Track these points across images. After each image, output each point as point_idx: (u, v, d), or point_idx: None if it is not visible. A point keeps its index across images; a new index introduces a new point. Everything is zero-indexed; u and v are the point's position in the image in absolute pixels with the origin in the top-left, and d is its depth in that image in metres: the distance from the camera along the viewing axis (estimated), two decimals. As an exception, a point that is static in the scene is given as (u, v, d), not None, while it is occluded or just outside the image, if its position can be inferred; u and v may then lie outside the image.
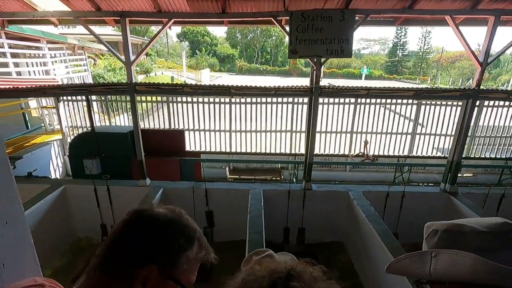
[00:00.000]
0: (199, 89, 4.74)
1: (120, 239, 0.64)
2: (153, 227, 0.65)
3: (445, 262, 0.60)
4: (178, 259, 0.66)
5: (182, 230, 0.68)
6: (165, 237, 0.65)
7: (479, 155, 7.41)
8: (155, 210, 0.69)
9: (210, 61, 39.37)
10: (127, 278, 0.62)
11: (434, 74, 42.53)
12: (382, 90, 4.43)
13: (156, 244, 0.64)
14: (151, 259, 0.63)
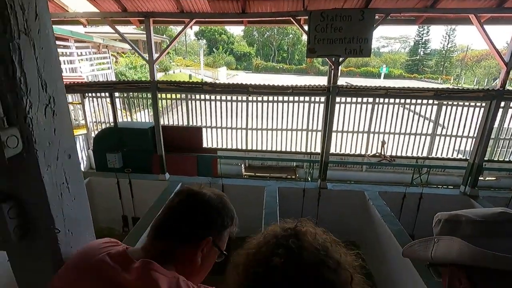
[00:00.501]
0: (218, 87, 4.87)
1: (189, 217, 0.80)
2: (210, 209, 0.82)
3: (443, 247, 0.68)
4: (223, 233, 0.85)
5: (228, 211, 0.86)
6: (218, 215, 0.82)
7: (503, 158, 7.14)
8: (208, 194, 0.85)
9: (227, 59, 39.68)
10: (192, 246, 0.78)
11: (458, 74, 40.90)
12: (401, 90, 4.39)
13: (214, 221, 0.82)
14: (210, 233, 0.80)
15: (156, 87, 4.54)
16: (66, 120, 0.69)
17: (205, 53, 42.83)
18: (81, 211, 0.80)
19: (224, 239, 0.85)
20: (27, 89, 0.58)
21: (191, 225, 0.79)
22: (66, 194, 0.71)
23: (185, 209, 0.81)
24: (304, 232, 0.60)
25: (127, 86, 4.92)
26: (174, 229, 0.79)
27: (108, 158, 6.19)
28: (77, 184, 0.76)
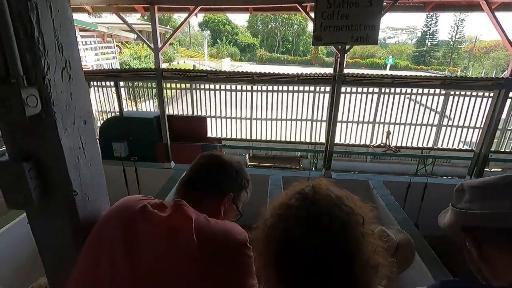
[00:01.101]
0: (222, 76, 4.85)
1: (214, 173, 0.90)
2: (231, 169, 0.92)
3: (447, 215, 0.75)
4: (241, 193, 0.95)
5: (245, 173, 0.97)
6: (237, 175, 0.93)
7: (510, 149, 7.07)
8: (228, 157, 0.96)
9: (231, 50, 39.38)
10: (217, 199, 0.88)
11: (466, 65, 40.18)
12: (408, 78, 4.33)
13: (235, 179, 0.92)
14: (232, 190, 0.90)
15: (161, 75, 4.54)
16: (82, 86, 0.70)
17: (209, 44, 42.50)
18: (96, 177, 0.82)
19: (241, 199, 0.95)
20: (45, 50, 0.59)
21: (217, 180, 0.88)
22: (82, 159, 0.73)
23: (211, 167, 0.90)
24: (320, 184, 0.64)
25: (133, 75, 4.92)
26: (203, 181, 0.88)
27: (114, 147, 6.25)
28: (93, 150, 0.79)
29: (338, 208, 0.57)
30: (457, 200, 0.72)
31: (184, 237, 0.71)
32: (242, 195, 0.96)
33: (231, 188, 0.90)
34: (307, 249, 0.54)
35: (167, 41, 4.50)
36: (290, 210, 0.59)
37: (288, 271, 0.56)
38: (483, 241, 0.66)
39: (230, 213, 0.93)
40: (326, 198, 0.59)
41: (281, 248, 0.57)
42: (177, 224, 0.73)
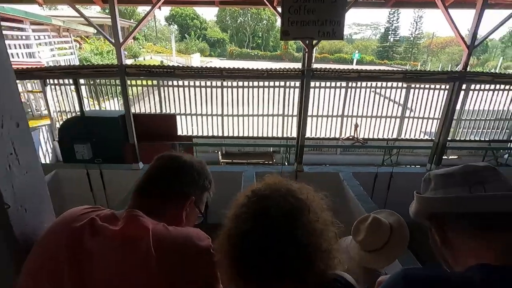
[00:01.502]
0: (190, 72, 4.70)
1: (171, 176, 0.83)
2: (192, 171, 0.86)
3: (413, 202, 0.78)
4: (203, 195, 0.90)
5: (207, 173, 0.91)
6: (199, 176, 0.87)
7: (465, 137, 7.65)
8: (189, 158, 0.90)
9: (200, 45, 38.54)
10: (177, 204, 0.82)
11: (425, 60, 42.84)
12: (372, 73, 4.50)
13: (196, 181, 0.86)
14: (193, 192, 0.85)
15: (124, 72, 4.30)
16: (11, 83, 0.61)
17: (177, 39, 41.25)
18: (35, 186, 0.73)
19: (203, 200, 0.91)
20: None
21: (176, 183, 0.82)
22: (16, 167, 0.64)
23: (169, 169, 0.84)
24: (273, 180, 0.70)
25: (93, 71, 4.62)
26: (160, 186, 0.81)
27: (76, 149, 5.85)
28: (30, 156, 0.69)
29: (285, 200, 0.62)
30: (424, 189, 0.75)
31: (140, 249, 0.65)
32: (205, 197, 0.91)
33: (192, 191, 0.85)
34: (257, 240, 0.58)
35: (129, 36, 4.27)
36: (242, 208, 0.64)
37: (244, 265, 0.60)
38: (445, 227, 0.69)
39: (193, 217, 0.89)
40: (276, 192, 0.64)
41: (234, 245, 0.61)
42: (132, 236, 0.67)
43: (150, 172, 0.84)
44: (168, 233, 0.70)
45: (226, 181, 4.95)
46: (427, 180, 0.74)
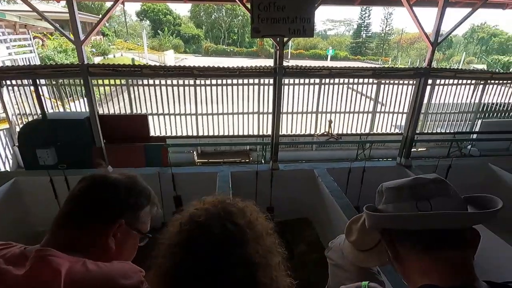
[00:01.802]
0: (160, 71, 4.52)
1: (90, 200, 0.74)
2: (117, 191, 0.76)
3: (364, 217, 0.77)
4: (139, 214, 0.81)
5: (140, 191, 0.82)
6: (129, 196, 0.78)
7: (432, 130, 8.01)
8: (114, 176, 0.80)
9: (174, 42, 37.53)
10: (100, 232, 0.73)
11: (395, 55, 44.52)
12: (343, 70, 4.55)
13: (122, 203, 0.77)
14: (120, 216, 0.75)
15: (87, 72, 4.05)
16: None
17: (150, 36, 39.92)
18: None
19: (143, 220, 0.82)
20: None
21: (95, 209, 0.74)
22: None
23: (88, 194, 0.75)
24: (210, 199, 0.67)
25: (52, 71, 4.30)
26: (77, 215, 0.73)
27: (38, 154, 5.48)
28: None
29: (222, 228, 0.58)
30: (378, 201, 0.73)
31: None
32: (143, 215, 0.82)
33: (119, 213, 0.76)
34: (187, 277, 0.54)
35: (91, 32, 4.01)
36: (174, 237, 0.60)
37: None
38: (396, 243, 0.67)
39: (130, 241, 0.80)
40: (213, 217, 0.60)
41: (163, 281, 0.57)
42: (38, 283, 0.57)
43: (68, 198, 0.76)
44: (87, 273, 0.61)
45: (201, 182, 4.87)
46: (380, 193, 0.73)
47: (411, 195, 0.64)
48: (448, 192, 0.64)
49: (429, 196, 0.63)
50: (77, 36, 3.84)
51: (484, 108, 7.90)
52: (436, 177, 0.67)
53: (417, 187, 0.65)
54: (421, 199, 0.62)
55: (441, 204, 0.61)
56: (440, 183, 0.65)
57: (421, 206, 0.62)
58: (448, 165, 5.06)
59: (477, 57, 41.82)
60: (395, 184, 0.69)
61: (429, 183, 0.65)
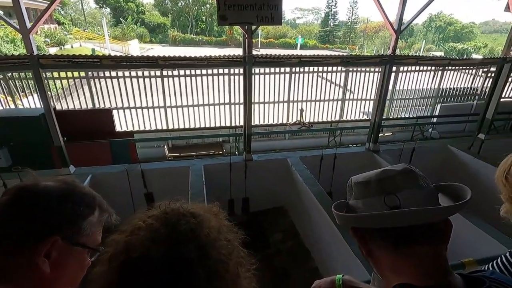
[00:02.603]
0: (122, 61, 4.23)
1: (12, 217, 0.62)
2: (47, 201, 0.64)
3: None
4: (82, 226, 0.68)
5: (80, 198, 0.70)
6: (63, 208, 0.66)
7: (397, 115, 8.40)
8: (44, 184, 0.67)
9: (138, 31, 35.63)
10: (25, 254, 0.61)
11: (362, 44, 45.87)
12: (312, 58, 4.56)
13: (55, 216, 0.64)
14: (52, 231, 0.63)
15: (38, 64, 3.68)
16: None
17: (111, 24, 37.56)
18: None
19: (87, 232, 0.69)
20: None
21: (18, 227, 0.61)
22: None
23: (9, 209, 0.62)
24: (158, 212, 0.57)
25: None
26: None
27: (-12, 156, 4.97)
28: None
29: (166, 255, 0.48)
30: (349, 196, 0.71)
31: None
32: (88, 226, 0.69)
33: (52, 228, 0.63)
34: None
35: (39, 20, 3.62)
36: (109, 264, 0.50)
37: None
38: (367, 240, 0.65)
39: (72, 261, 0.68)
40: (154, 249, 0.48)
41: None
42: None
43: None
44: None
45: (173, 177, 4.71)
46: (350, 187, 0.70)
47: (379, 189, 0.62)
48: (417, 183, 0.61)
49: (397, 189, 0.60)
50: (23, 24, 3.46)
51: (443, 93, 8.40)
52: (404, 167, 0.64)
53: (384, 181, 0.62)
54: (389, 193, 0.60)
55: (410, 198, 0.59)
56: (408, 174, 0.62)
57: (389, 201, 0.59)
58: (412, 148, 5.33)
59: (435, 44, 44.37)
60: (363, 178, 0.66)
61: (397, 175, 0.62)
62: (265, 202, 5.28)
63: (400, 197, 0.59)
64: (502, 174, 0.72)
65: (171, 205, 0.58)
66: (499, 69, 5.42)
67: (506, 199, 0.71)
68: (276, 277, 4.07)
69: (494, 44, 41.24)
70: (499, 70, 5.43)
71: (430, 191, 0.63)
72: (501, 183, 0.73)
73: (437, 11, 49.89)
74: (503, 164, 0.73)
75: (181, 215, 0.55)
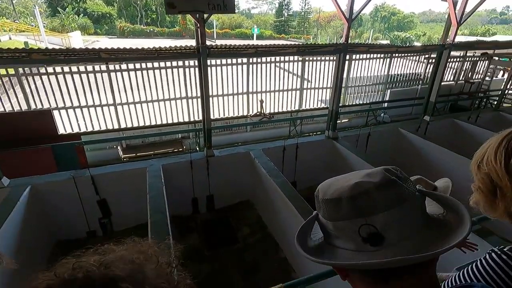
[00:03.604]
0: (58, 55, 3.73)
1: None
2: None
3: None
4: None
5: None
6: None
7: (352, 102, 8.76)
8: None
9: (80, 21, 32.50)
10: None
11: (315, 33, 47.16)
12: (269, 48, 4.47)
13: None
14: None
15: None
16: None
17: (48, 15, 33.76)
18: None
19: None
20: None
21: None
22: None
23: None
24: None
25: None
26: None
27: None
28: None
29: None
30: (317, 208, 0.59)
31: None
32: None
33: None
34: None
35: None
36: None
37: None
38: (346, 270, 0.56)
39: None
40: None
41: None
42: None
43: None
44: None
45: (130, 180, 4.36)
46: (318, 201, 0.58)
47: (352, 211, 0.51)
48: (399, 198, 0.51)
49: (374, 210, 0.50)
50: None
51: (392, 79, 8.93)
52: (382, 177, 0.52)
53: (358, 199, 0.51)
54: (364, 216, 0.50)
55: (390, 222, 0.49)
56: (388, 187, 0.51)
57: (364, 232, 0.50)
58: (367, 133, 5.59)
59: (382, 33, 47.31)
60: (332, 193, 0.54)
61: (373, 190, 0.50)
62: (230, 197, 5.17)
63: (378, 224, 0.49)
64: (475, 162, 0.67)
65: (84, 264, 0.40)
66: (439, 55, 5.87)
67: (476, 189, 0.67)
68: (246, 271, 4.03)
69: (431, 32, 45.30)
70: (439, 56, 5.87)
71: (414, 204, 0.52)
72: (473, 171, 0.68)
73: (381, 1, 53.05)
74: (478, 152, 0.68)
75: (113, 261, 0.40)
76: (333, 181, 0.57)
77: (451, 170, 5.07)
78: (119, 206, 4.39)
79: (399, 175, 0.53)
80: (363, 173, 0.55)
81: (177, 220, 4.72)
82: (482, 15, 59.70)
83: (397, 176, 0.53)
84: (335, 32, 43.35)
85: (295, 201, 3.59)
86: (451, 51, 5.77)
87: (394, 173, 0.53)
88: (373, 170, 0.55)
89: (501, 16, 63.00)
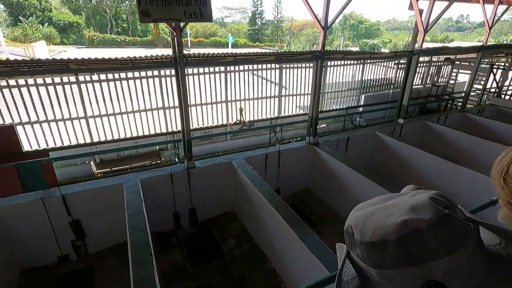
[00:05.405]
0: (21, 66, 3.45)
1: None
2: None
3: None
4: None
5: None
6: None
7: (329, 108, 8.94)
8: None
9: (45, 31, 30.93)
10: None
11: (289, 41, 48.24)
12: (248, 56, 4.44)
13: None
14: None
15: None
16: None
17: (8, 24, 31.85)
18: None
19: None
20: None
21: None
22: None
23: None
24: None
25: None
26: None
27: None
28: None
29: None
30: (349, 246, 0.50)
31: None
32: None
33: None
34: None
35: None
36: None
37: None
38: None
39: None
40: None
41: None
42: None
43: None
44: None
45: (105, 198, 4.08)
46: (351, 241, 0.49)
47: (402, 256, 0.41)
48: (456, 238, 0.41)
49: (430, 257, 0.40)
50: None
51: (365, 84, 9.25)
52: (434, 214, 0.42)
53: (409, 241, 0.41)
54: (418, 263, 0.40)
55: (453, 275, 0.40)
56: (443, 225, 0.41)
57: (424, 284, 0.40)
58: (347, 138, 5.69)
59: (351, 41, 49.33)
60: (372, 236, 0.44)
61: (426, 231, 0.41)
62: (213, 209, 5.01)
63: (439, 272, 0.40)
64: (499, 175, 0.58)
65: None
66: (409, 60, 6.15)
67: (505, 204, 0.60)
68: (233, 286, 3.88)
69: (396, 39, 47.96)
70: (409, 61, 6.15)
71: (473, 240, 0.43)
72: (498, 185, 0.59)
73: (350, 10, 55.46)
74: (499, 161, 0.59)
75: None
76: (367, 214, 0.48)
77: (424, 169, 5.29)
78: (95, 226, 4.10)
79: (447, 203, 0.44)
80: (406, 205, 0.45)
81: (159, 236, 4.49)
82: (440, 23, 64.32)
83: (446, 205, 0.44)
84: (307, 40, 44.61)
85: (281, 210, 3.53)
86: (419, 57, 6.07)
87: (442, 203, 0.44)
88: (418, 202, 0.45)
89: (456, 24, 68.15)
